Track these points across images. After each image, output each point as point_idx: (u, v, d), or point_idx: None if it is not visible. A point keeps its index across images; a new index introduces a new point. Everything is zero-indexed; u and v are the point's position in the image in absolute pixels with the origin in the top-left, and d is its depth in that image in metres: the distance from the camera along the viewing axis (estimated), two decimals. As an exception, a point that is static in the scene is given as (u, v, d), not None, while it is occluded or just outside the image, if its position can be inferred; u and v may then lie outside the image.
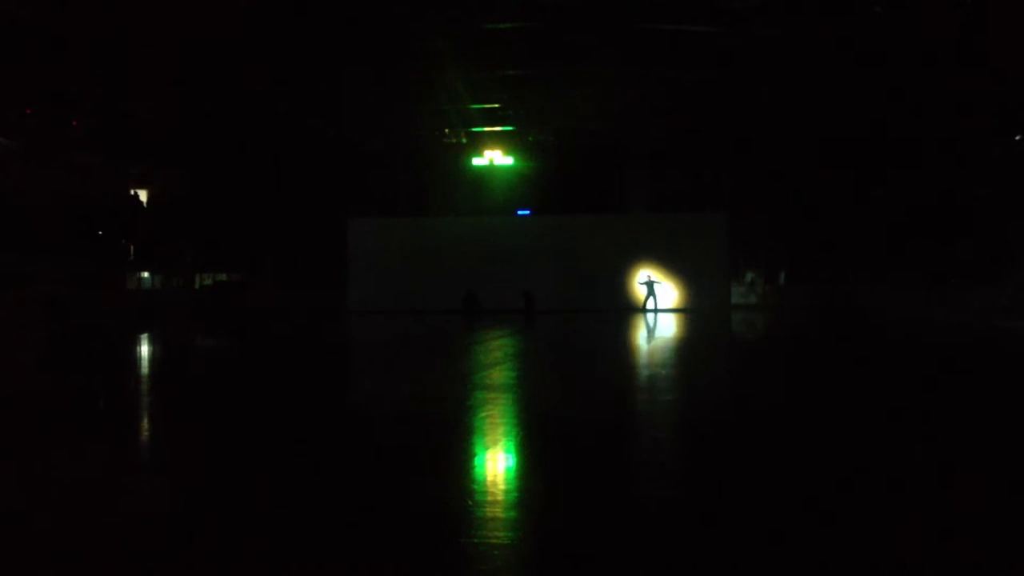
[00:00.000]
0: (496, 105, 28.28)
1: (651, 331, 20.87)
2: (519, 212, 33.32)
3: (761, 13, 20.78)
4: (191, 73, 24.64)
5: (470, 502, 5.01)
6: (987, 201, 26.65)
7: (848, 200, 30.42)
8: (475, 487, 5.50)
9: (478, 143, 31.69)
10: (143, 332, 21.51)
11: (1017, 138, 25.76)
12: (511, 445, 6.81)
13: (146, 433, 7.98)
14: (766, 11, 20.75)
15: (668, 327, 22.13)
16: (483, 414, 8.27)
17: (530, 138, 31.45)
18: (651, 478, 5.67)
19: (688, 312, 29.16)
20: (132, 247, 35.83)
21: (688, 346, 17.30)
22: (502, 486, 5.54)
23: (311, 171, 33.45)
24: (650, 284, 29.35)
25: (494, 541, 4.28)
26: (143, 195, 37.22)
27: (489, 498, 5.13)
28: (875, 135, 27.98)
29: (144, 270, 37.12)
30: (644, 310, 29.03)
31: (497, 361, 13.89)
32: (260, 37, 22.21)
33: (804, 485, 5.34)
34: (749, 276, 33.62)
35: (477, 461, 6.37)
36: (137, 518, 4.75)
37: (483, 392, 9.92)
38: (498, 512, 4.80)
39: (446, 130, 31.03)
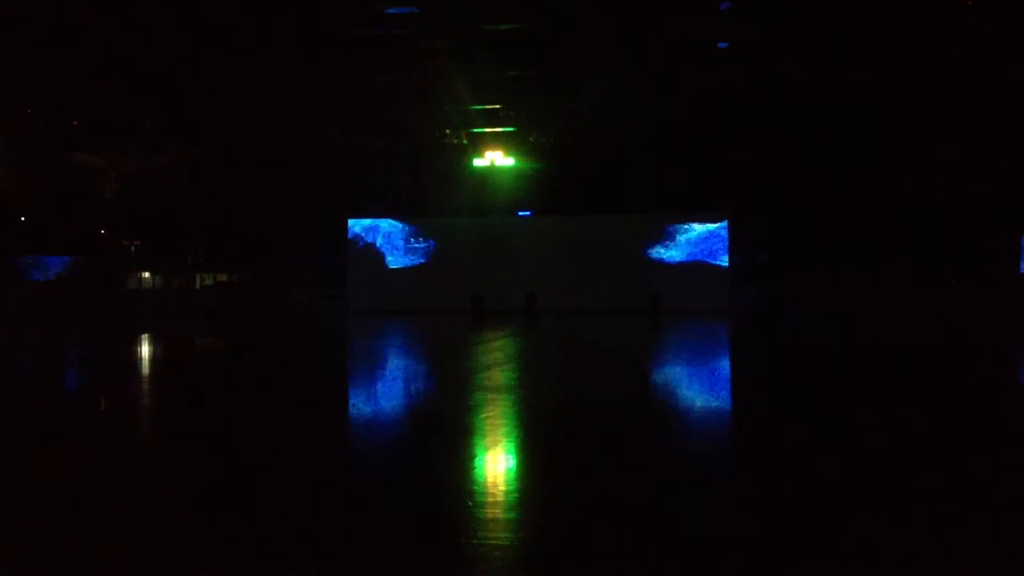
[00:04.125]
0: (497, 106, 28.31)
1: (652, 334, 20.90)
2: (520, 213, 33.33)
3: (761, 14, 20.84)
4: (192, 74, 24.68)
5: (470, 503, 5.04)
6: (987, 203, 26.70)
7: (848, 201, 30.45)
8: (475, 488, 5.54)
9: (479, 144, 31.72)
10: (156, 331, 21.53)
11: None
12: (511, 446, 6.84)
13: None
14: (766, 12, 20.80)
15: (668, 330, 22.15)
16: (483, 415, 8.31)
17: (531, 139, 31.47)
18: (649, 479, 5.71)
19: (689, 313, 29.13)
20: (133, 247, 35.87)
21: (687, 349, 17.32)
22: (502, 487, 5.58)
23: (311, 171, 33.48)
24: (655, 300, 29.10)
25: (494, 542, 4.31)
26: (144, 196, 37.22)
27: (489, 499, 5.16)
28: (875, 136, 28.02)
29: (145, 270, 37.17)
30: (650, 312, 28.93)
31: (497, 362, 13.92)
32: (262, 38, 22.25)
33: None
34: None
35: (477, 462, 6.41)
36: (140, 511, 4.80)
37: (483, 393, 9.95)
38: (498, 513, 4.84)
39: (447, 131, 31.06)
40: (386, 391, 10.72)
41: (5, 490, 5.56)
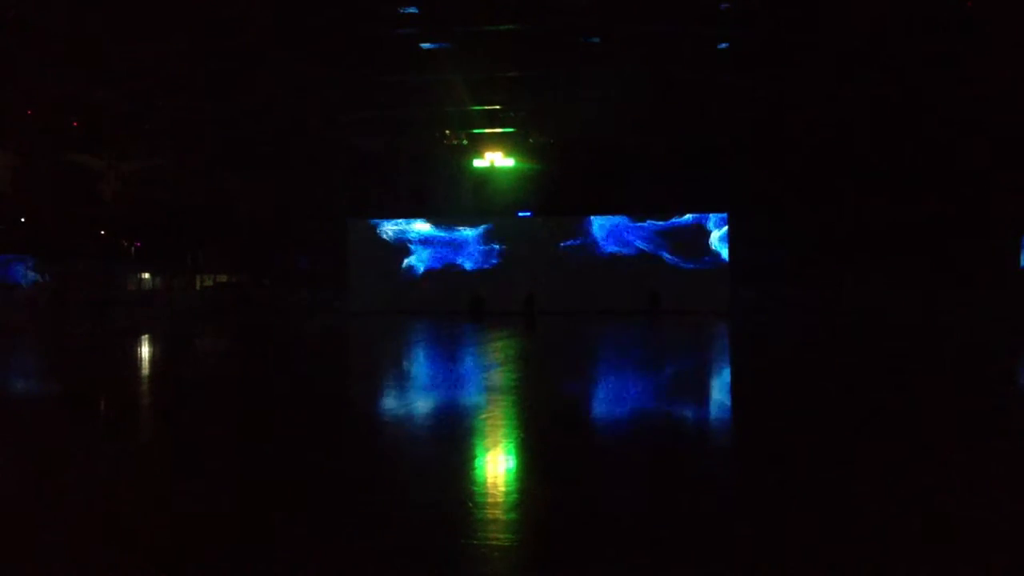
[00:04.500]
0: (497, 107, 28.30)
1: (652, 335, 20.89)
2: (520, 214, 33.33)
3: (761, 14, 20.83)
4: (193, 74, 24.68)
5: (470, 503, 5.05)
6: (988, 202, 26.71)
7: (849, 203, 30.43)
8: (475, 488, 5.54)
9: (479, 145, 31.70)
10: (154, 333, 21.52)
11: None
12: (511, 447, 6.84)
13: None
14: (766, 12, 20.80)
15: (669, 331, 22.16)
16: (483, 416, 8.31)
17: (531, 140, 31.45)
18: (647, 480, 5.71)
19: (689, 314, 29.13)
20: (133, 248, 35.89)
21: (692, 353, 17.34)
22: (502, 487, 5.58)
23: (311, 171, 33.48)
24: (654, 297, 29.07)
25: (494, 542, 4.31)
26: (143, 197, 37.23)
27: (489, 499, 5.16)
28: (876, 136, 28.02)
29: (145, 271, 37.19)
30: (649, 312, 28.93)
31: (496, 363, 13.93)
32: (262, 38, 22.25)
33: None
34: None
35: (477, 462, 6.41)
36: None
37: (482, 394, 9.96)
38: (498, 514, 4.84)
39: (447, 132, 31.06)
40: (384, 392, 10.73)
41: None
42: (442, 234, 32.30)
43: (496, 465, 6.28)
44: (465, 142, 31.50)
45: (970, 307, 25.67)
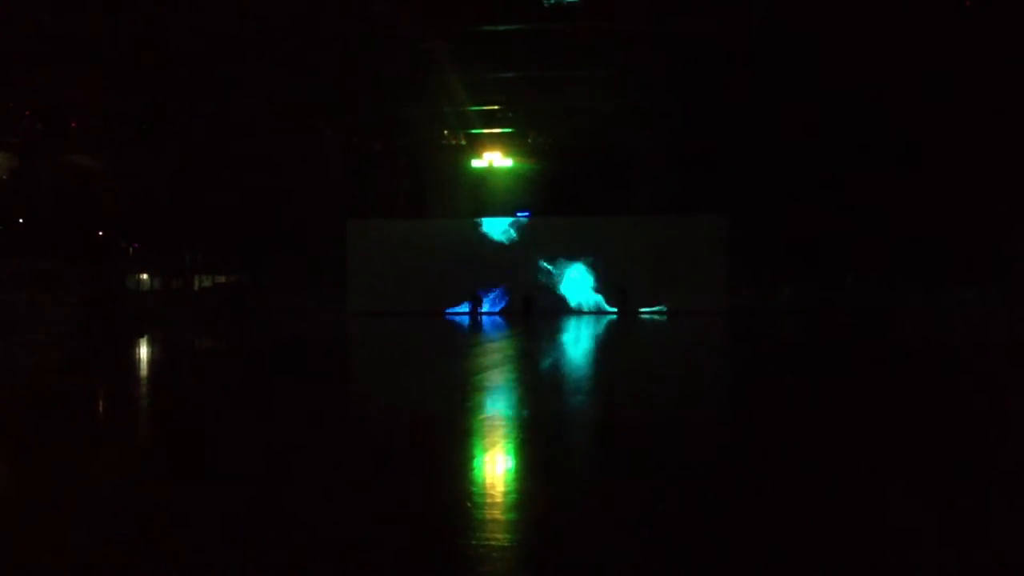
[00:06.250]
0: (495, 107, 28.27)
1: (640, 337, 20.90)
2: (518, 214, 33.35)
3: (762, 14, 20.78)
4: (191, 74, 24.66)
5: (469, 504, 5.04)
6: (984, 205, 26.71)
7: (850, 202, 30.41)
8: (474, 489, 5.53)
9: (477, 145, 31.69)
10: (153, 335, 21.51)
11: None
12: (509, 447, 6.84)
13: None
14: (767, 11, 20.74)
15: (664, 331, 22.16)
16: (481, 416, 8.31)
17: (529, 140, 31.44)
18: (645, 480, 5.72)
19: (686, 315, 29.17)
20: (131, 248, 35.86)
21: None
22: (501, 488, 5.57)
23: (311, 172, 33.43)
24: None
25: (493, 543, 4.31)
26: (141, 197, 37.17)
27: (488, 500, 5.16)
28: (876, 136, 28.03)
29: (143, 272, 37.17)
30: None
31: (495, 364, 13.92)
32: (260, 37, 22.23)
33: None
34: None
35: (476, 463, 6.40)
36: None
37: (481, 394, 9.96)
38: (497, 514, 4.84)
39: (445, 132, 31.05)
40: (382, 392, 10.72)
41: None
42: (440, 234, 32.32)
43: (494, 465, 6.28)
44: (464, 142, 31.51)
45: (974, 306, 25.69)
